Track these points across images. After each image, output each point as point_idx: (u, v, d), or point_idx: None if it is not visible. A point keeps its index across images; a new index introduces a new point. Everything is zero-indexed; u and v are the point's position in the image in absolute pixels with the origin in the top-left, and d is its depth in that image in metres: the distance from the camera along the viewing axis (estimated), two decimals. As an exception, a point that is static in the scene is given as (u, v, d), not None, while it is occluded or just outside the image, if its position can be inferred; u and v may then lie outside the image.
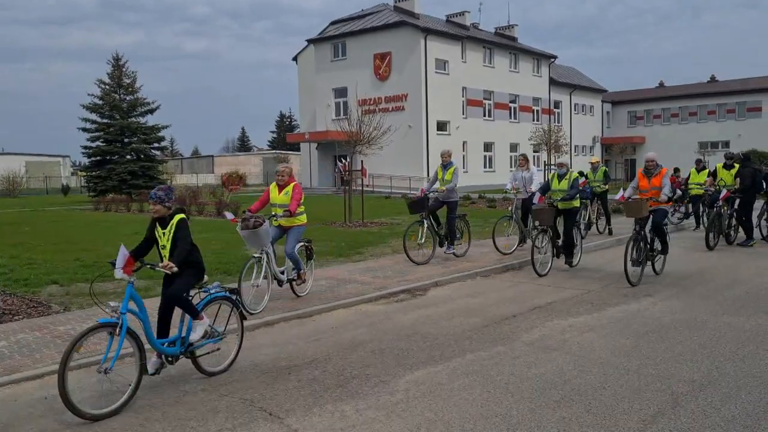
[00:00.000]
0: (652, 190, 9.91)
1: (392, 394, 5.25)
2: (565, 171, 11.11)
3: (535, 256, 10.60)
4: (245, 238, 8.04)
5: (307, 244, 9.00)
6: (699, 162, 16.35)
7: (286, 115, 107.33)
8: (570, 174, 11.06)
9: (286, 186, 8.59)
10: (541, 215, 10.71)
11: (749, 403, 4.86)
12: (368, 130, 19.96)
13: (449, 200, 11.70)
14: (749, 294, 8.90)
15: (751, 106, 55.62)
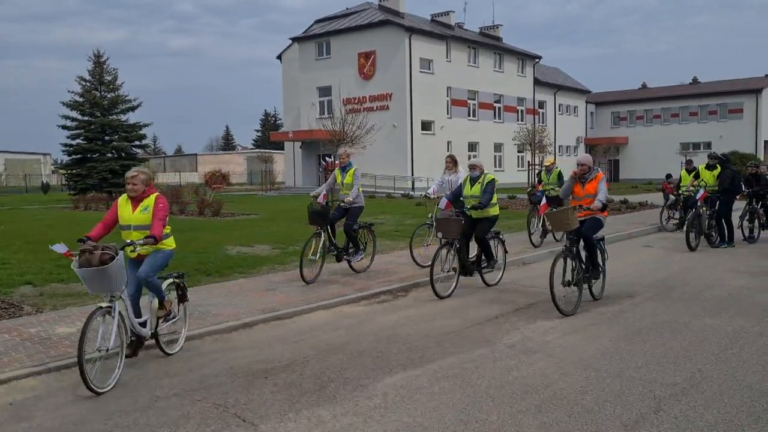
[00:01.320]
0: (586, 197, 8.40)
1: (370, 399, 5.13)
2: (479, 174, 9.53)
3: (435, 274, 8.86)
4: (85, 280, 5.42)
5: (178, 281, 6.57)
6: (689, 162, 16.31)
7: (271, 114, 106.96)
8: (484, 177, 9.46)
9: (144, 199, 6.07)
10: (445, 226, 9.01)
11: (732, 408, 4.79)
12: (352, 129, 19.83)
13: (353, 206, 10.33)
14: (731, 296, 8.88)
15: (733, 108, 56.15)
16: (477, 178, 9.49)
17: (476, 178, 9.51)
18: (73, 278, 9.99)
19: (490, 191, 9.27)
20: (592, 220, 8.43)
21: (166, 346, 6.42)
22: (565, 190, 8.64)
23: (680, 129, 58.34)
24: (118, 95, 39.01)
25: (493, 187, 9.34)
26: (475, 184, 9.47)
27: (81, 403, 5.13)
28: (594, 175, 8.48)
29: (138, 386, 5.51)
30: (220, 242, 14.04)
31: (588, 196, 8.39)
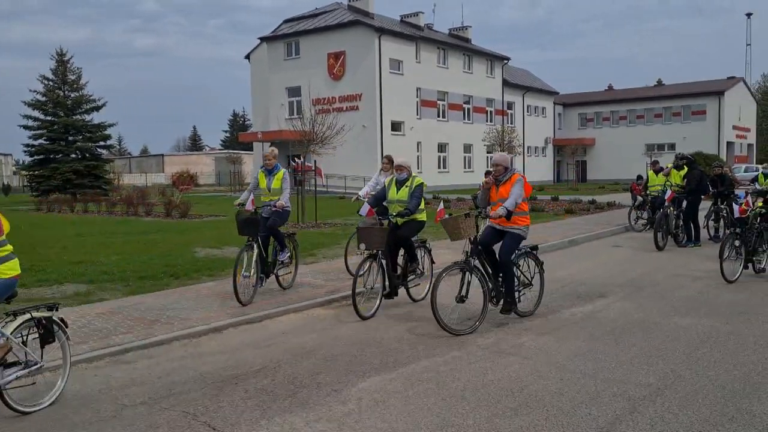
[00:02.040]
0: (500, 202, 7.41)
1: (344, 404, 5.03)
2: (407, 176, 8.30)
3: (357, 290, 7.83)
4: None
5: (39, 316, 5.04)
6: (656, 163, 16.52)
7: (240, 114, 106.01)
8: (412, 180, 8.26)
9: None
10: (368, 236, 7.83)
11: (707, 408, 4.80)
12: (321, 130, 19.67)
13: (284, 209, 9.04)
14: (700, 295, 8.98)
15: (696, 110, 57.26)
16: (404, 181, 8.25)
17: (403, 180, 8.27)
18: (34, 283, 9.68)
19: (419, 196, 8.09)
20: (510, 238, 7.46)
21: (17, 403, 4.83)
22: (482, 195, 7.75)
23: (645, 130, 59.30)
24: (82, 95, 38.22)
25: (421, 191, 8.18)
26: (402, 187, 8.24)
27: (43, 415, 4.93)
28: (509, 176, 7.50)
29: (102, 396, 5.32)
30: (188, 244, 13.79)
31: (501, 200, 7.42)
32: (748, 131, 64.53)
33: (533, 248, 8.03)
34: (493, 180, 7.57)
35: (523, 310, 7.73)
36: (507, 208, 7.15)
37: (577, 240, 15.15)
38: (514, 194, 7.32)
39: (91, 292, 9.11)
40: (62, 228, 18.77)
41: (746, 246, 9.93)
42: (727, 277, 9.54)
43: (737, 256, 9.85)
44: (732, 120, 58.57)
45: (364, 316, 7.80)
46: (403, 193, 8.24)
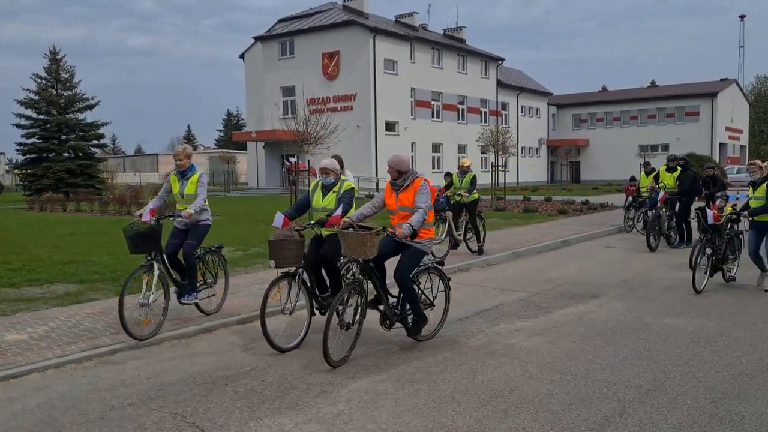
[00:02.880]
0: (400, 211, 6.42)
1: (334, 405, 5.01)
2: (334, 180, 7.02)
3: (281, 314, 6.66)
4: None
5: None
6: (647, 165, 16.56)
7: (234, 114, 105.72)
8: (341, 184, 7.02)
9: None
10: (278, 250, 6.44)
11: (695, 409, 4.81)
12: (315, 130, 19.64)
13: (197, 223, 7.53)
14: (692, 295, 8.99)
15: (689, 111, 57.48)
16: (331, 186, 7.00)
17: (330, 185, 7.01)
18: (24, 283, 9.64)
19: (348, 202, 6.82)
20: (410, 255, 6.36)
21: None
22: (374, 203, 6.69)
23: (639, 131, 59.48)
24: (75, 93, 38.07)
25: (351, 197, 6.95)
26: (328, 193, 6.99)
27: (28, 415, 4.89)
28: (410, 180, 6.42)
29: (90, 396, 5.28)
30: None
31: (403, 209, 6.41)
32: (741, 133, 64.84)
33: (439, 263, 7.01)
34: (392, 185, 6.55)
35: (422, 333, 6.70)
36: (413, 227, 6.13)
37: (570, 241, 15.17)
38: (421, 206, 6.25)
39: (81, 292, 9.05)
40: (54, 227, 18.67)
41: (716, 254, 9.30)
42: (696, 287, 8.95)
43: (706, 265, 9.27)
44: (725, 121, 58.83)
45: (283, 348, 6.43)
46: (330, 200, 6.92)
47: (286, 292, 6.50)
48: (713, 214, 9.12)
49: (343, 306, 6.09)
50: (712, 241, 9.26)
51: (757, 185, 9.11)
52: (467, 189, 12.60)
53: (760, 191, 9.02)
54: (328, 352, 5.78)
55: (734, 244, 9.64)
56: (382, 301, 6.41)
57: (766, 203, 8.93)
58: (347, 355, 6.10)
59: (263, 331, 6.30)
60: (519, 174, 53.50)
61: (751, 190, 9.22)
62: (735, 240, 9.65)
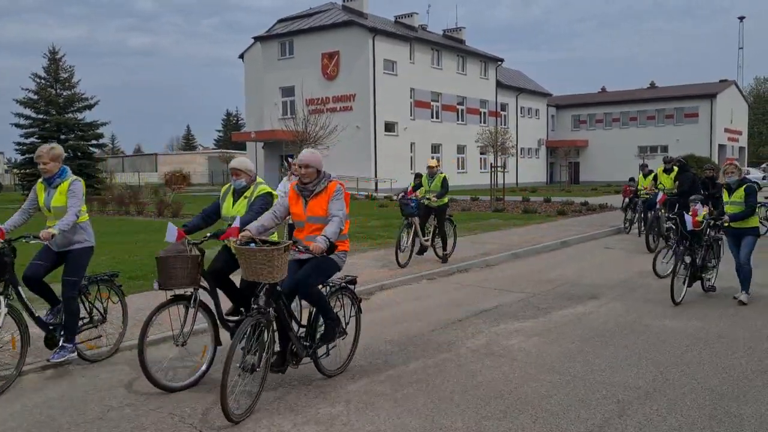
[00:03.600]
0: (311, 222, 5.33)
1: (332, 406, 5.00)
2: (245, 183, 5.94)
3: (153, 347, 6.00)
4: None
5: None
6: (645, 167, 16.56)
7: (233, 114, 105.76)
8: (254, 189, 5.94)
9: None
10: (168, 269, 5.31)
11: (695, 410, 4.80)
12: (314, 130, 19.63)
13: (72, 248, 5.93)
14: (691, 296, 8.97)
15: (689, 112, 57.49)
16: (243, 190, 5.97)
17: (242, 189, 5.97)
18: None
19: (258, 210, 5.68)
20: (317, 264, 5.24)
21: None
22: (276, 212, 5.43)
23: (638, 132, 59.50)
24: (75, 93, 38.04)
25: (264, 204, 5.77)
26: (239, 198, 5.97)
27: (27, 416, 4.88)
28: (324, 186, 5.32)
29: (89, 397, 5.27)
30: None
31: (314, 219, 5.29)
32: (740, 134, 64.86)
33: (350, 282, 5.86)
34: (299, 189, 5.43)
35: (329, 367, 5.64)
36: (329, 239, 5.01)
37: (569, 241, 15.17)
38: (337, 214, 5.19)
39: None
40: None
41: (694, 262, 8.61)
42: (675, 298, 8.29)
43: (684, 274, 8.55)
44: (724, 123, 58.84)
45: (169, 385, 5.33)
46: (240, 207, 5.88)
47: (180, 319, 5.39)
48: (692, 219, 8.41)
49: (247, 343, 4.82)
50: (690, 249, 8.56)
51: (733, 189, 8.46)
52: (436, 193, 11.72)
53: (737, 195, 8.40)
54: (226, 402, 4.49)
55: (714, 251, 9.03)
56: (288, 333, 5.20)
57: (746, 209, 8.32)
58: (252, 405, 4.82)
59: (142, 367, 5.10)
60: (518, 175, 53.50)
61: (726, 194, 8.55)
62: (714, 247, 9.04)
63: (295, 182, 5.57)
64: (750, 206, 8.31)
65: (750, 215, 8.34)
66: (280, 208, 5.48)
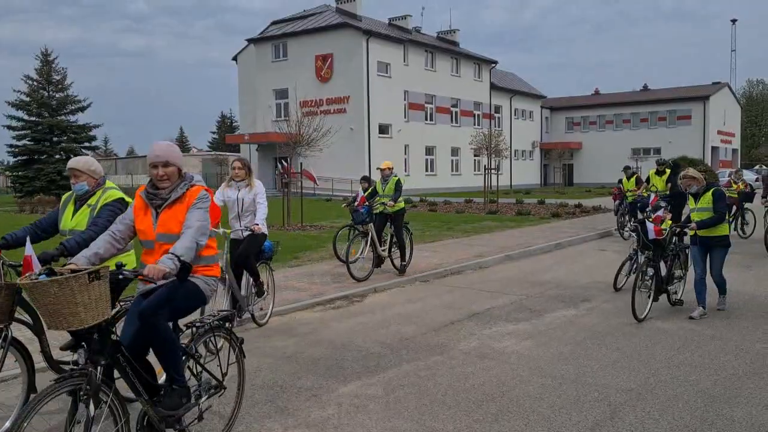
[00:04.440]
0: (162, 241, 3.90)
1: (323, 409, 4.98)
2: (88, 189, 4.86)
3: None
4: None
5: None
6: (627, 168, 16.62)
7: (227, 116, 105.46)
8: (103, 195, 4.86)
9: None
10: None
11: (687, 413, 4.79)
12: (308, 132, 19.60)
13: None
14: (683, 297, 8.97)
15: (681, 115, 57.70)
16: (86, 197, 4.85)
17: (84, 196, 4.86)
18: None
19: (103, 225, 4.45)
20: (170, 289, 3.79)
21: None
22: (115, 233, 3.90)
23: (631, 134, 59.69)
24: (67, 95, 37.86)
25: (111, 214, 4.61)
26: (81, 207, 4.86)
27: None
28: (182, 192, 3.94)
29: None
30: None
31: (166, 237, 3.87)
32: (733, 136, 65.14)
33: (226, 318, 4.41)
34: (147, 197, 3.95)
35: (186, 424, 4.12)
36: (178, 257, 3.57)
37: (563, 244, 15.18)
38: (192, 226, 3.79)
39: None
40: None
41: (658, 274, 7.83)
42: (638, 315, 7.53)
43: (649, 288, 7.77)
44: (717, 125, 59.07)
45: None
46: (81, 218, 4.78)
47: None
48: (654, 227, 7.72)
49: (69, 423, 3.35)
50: (654, 260, 7.80)
51: (699, 195, 7.84)
52: (391, 197, 10.80)
53: (704, 201, 7.76)
54: None
55: (680, 262, 8.32)
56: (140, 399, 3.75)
57: (714, 215, 7.65)
58: None
59: None
60: (512, 177, 53.56)
61: (692, 201, 7.93)
62: (681, 256, 8.33)
63: (142, 187, 4.05)
64: (719, 213, 7.65)
65: (719, 222, 7.67)
66: (121, 226, 3.95)
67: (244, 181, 7.36)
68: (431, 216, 22.52)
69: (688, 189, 7.86)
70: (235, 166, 7.45)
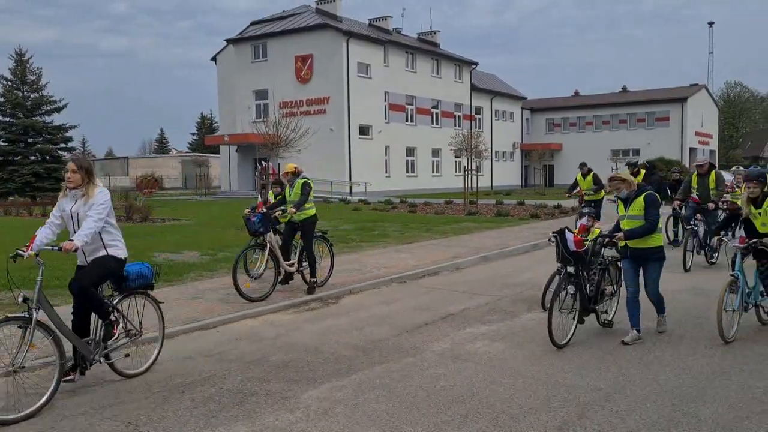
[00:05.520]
0: None
1: (292, 412, 4.93)
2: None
3: None
4: None
5: None
6: (583, 165, 16.54)
7: (207, 117, 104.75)
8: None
9: None
10: None
11: (654, 412, 4.81)
12: (286, 133, 19.50)
13: None
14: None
15: (660, 116, 58.33)
16: None
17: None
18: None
19: None
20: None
21: None
22: None
23: (611, 136, 60.19)
24: (42, 96, 37.46)
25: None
26: None
27: (-25, 426, 4.72)
28: None
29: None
30: (147, 249, 13.49)
31: None
32: (711, 137, 65.96)
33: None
34: None
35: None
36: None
37: (540, 244, 15.22)
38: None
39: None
40: (17, 232, 18.26)
41: (581, 293, 6.71)
42: (556, 341, 6.42)
43: (570, 307, 6.66)
44: (695, 126, 59.79)
45: None
46: None
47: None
48: (574, 238, 6.65)
49: None
50: (576, 275, 6.66)
51: (630, 200, 6.76)
52: (295, 202, 9.32)
53: (636, 208, 6.69)
54: None
55: (611, 277, 7.27)
56: None
57: (646, 223, 6.60)
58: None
59: None
60: (493, 178, 53.77)
61: (622, 207, 6.83)
62: (611, 271, 7.27)
63: None
64: (651, 221, 6.59)
65: (651, 231, 6.62)
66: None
67: (79, 189, 5.53)
68: (411, 217, 22.51)
69: (617, 193, 6.84)
70: (69, 168, 5.57)
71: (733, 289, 6.82)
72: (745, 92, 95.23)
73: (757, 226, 7.08)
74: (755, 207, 7.07)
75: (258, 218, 9.07)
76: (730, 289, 6.79)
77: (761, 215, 7.03)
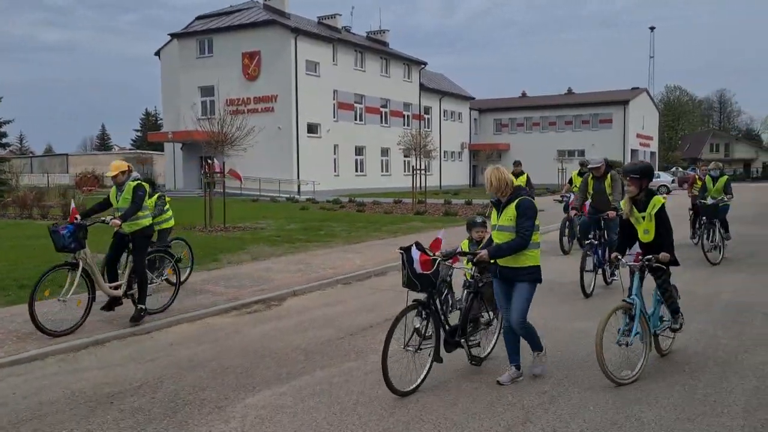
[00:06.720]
0: None
1: (227, 422, 4.69)
2: None
3: None
4: None
5: None
6: (518, 164, 16.82)
7: (152, 114, 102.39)
8: None
9: None
10: None
11: (597, 415, 4.76)
12: (231, 131, 19.04)
13: None
14: (602, 298, 9.09)
15: (603, 118, 59.71)
16: None
17: None
18: None
19: None
20: None
21: None
22: None
23: (557, 137, 61.27)
24: (-25, 89, 35.76)
25: None
26: None
27: None
28: None
29: None
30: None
31: None
32: (651, 139, 67.92)
33: None
34: None
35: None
36: None
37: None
38: None
39: None
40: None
41: (438, 322, 5.46)
42: (396, 388, 5.08)
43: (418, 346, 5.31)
44: (636, 128, 61.41)
45: None
46: None
47: None
48: (421, 256, 5.24)
49: None
50: (427, 305, 5.39)
51: (502, 207, 5.44)
52: (123, 210, 7.61)
53: (507, 216, 5.34)
54: None
55: (482, 303, 5.93)
56: None
57: (516, 237, 5.24)
58: None
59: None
60: (441, 177, 54.04)
61: (495, 215, 5.49)
62: (486, 293, 5.89)
63: None
64: (522, 235, 5.24)
65: (522, 247, 5.26)
66: None
67: None
68: (359, 216, 22.33)
69: (490, 193, 5.55)
70: None
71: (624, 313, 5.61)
72: (684, 96, 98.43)
73: (639, 232, 5.94)
74: (638, 209, 5.90)
75: (69, 230, 7.20)
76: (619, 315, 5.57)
77: (644, 220, 5.86)
